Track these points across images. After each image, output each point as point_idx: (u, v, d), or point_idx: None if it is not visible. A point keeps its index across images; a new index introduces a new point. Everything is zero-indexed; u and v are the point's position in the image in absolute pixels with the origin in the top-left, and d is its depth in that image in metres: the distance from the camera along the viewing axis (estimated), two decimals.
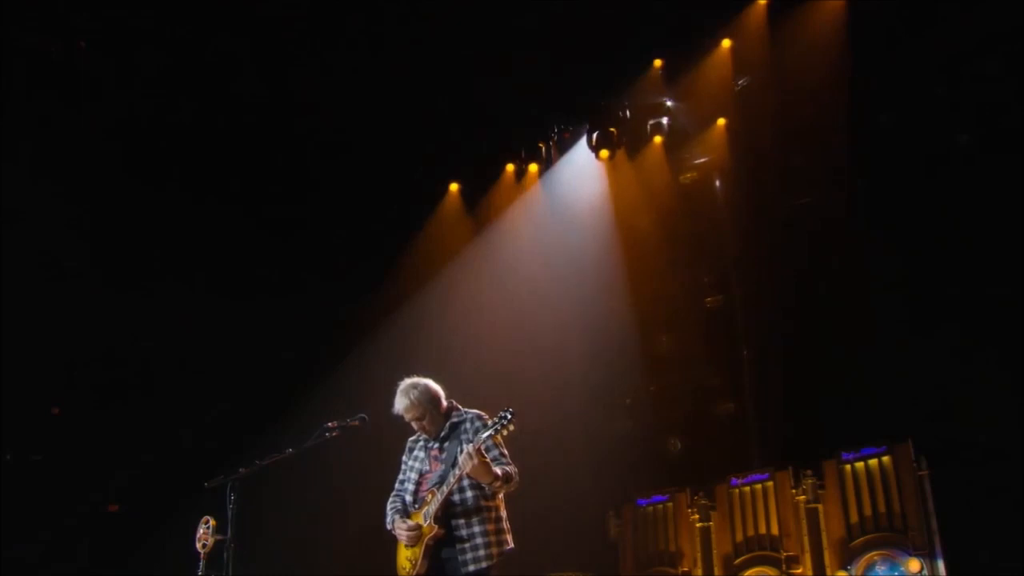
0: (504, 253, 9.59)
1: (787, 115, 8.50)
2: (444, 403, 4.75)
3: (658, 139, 9.37)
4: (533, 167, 9.81)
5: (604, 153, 9.42)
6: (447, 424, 4.71)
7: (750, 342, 8.93)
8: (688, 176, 9.61)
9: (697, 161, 9.56)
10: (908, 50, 7.99)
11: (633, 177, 9.44)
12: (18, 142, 7.83)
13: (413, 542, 4.56)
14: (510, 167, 9.90)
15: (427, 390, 4.72)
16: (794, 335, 8.27)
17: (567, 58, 8.27)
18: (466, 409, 4.77)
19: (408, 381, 4.76)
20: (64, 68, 8.00)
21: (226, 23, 8.20)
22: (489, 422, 4.41)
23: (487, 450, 4.44)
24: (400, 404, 4.70)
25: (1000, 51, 7.61)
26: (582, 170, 9.63)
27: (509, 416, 4.30)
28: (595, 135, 9.39)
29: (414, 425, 4.74)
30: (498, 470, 4.42)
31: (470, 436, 4.54)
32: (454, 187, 9.99)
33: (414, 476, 4.79)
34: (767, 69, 8.72)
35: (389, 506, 4.85)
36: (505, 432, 4.32)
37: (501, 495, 4.63)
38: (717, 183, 9.49)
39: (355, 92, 8.69)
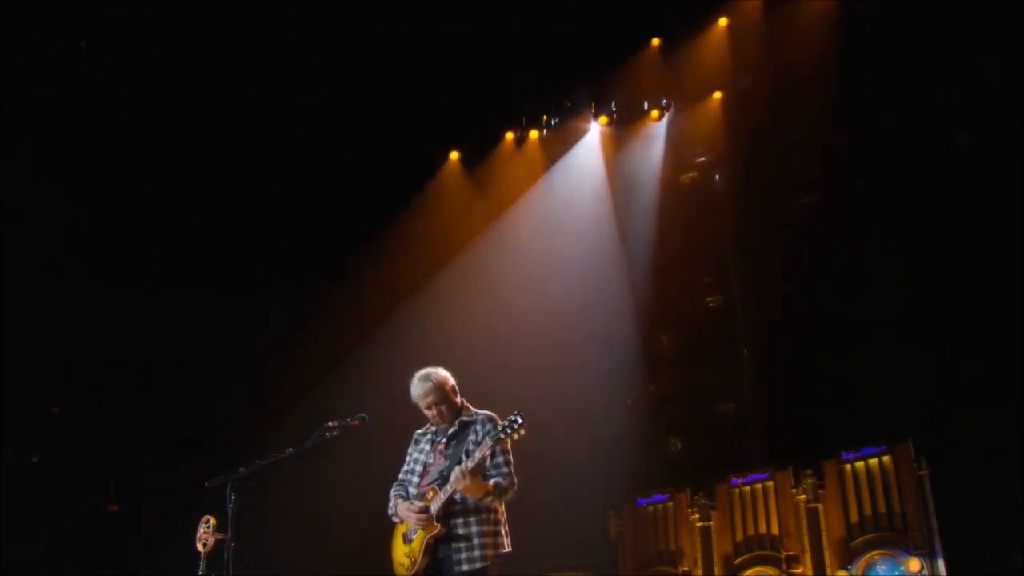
0: (504, 253, 9.58)
1: (787, 115, 8.51)
2: (457, 397, 4.73)
3: (655, 113, 9.46)
4: (534, 134, 9.85)
5: (604, 119, 9.56)
6: (457, 421, 4.69)
7: (750, 342, 8.94)
8: (688, 176, 9.62)
9: (698, 160, 9.58)
10: (908, 50, 8.00)
11: (632, 159, 9.48)
12: (18, 142, 7.83)
13: (423, 523, 4.52)
14: (510, 135, 9.91)
15: (444, 378, 4.71)
16: (794, 335, 8.28)
17: (568, 36, 8.32)
18: (477, 410, 4.75)
19: (425, 370, 4.75)
20: (64, 68, 8.01)
21: (226, 23, 8.21)
22: (499, 425, 4.39)
23: (492, 456, 4.43)
24: (420, 389, 4.67)
25: (1000, 51, 7.63)
26: (583, 166, 9.65)
27: (519, 422, 4.27)
28: (594, 105, 9.60)
29: (431, 412, 4.69)
30: (492, 483, 4.41)
31: (479, 438, 4.52)
32: (454, 155, 9.99)
33: (419, 468, 4.78)
34: (766, 68, 8.74)
35: (392, 492, 4.81)
36: (514, 437, 4.30)
37: None
38: (717, 182, 9.49)
39: (355, 72, 8.69)
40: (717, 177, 9.53)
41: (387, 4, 8.33)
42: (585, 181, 9.65)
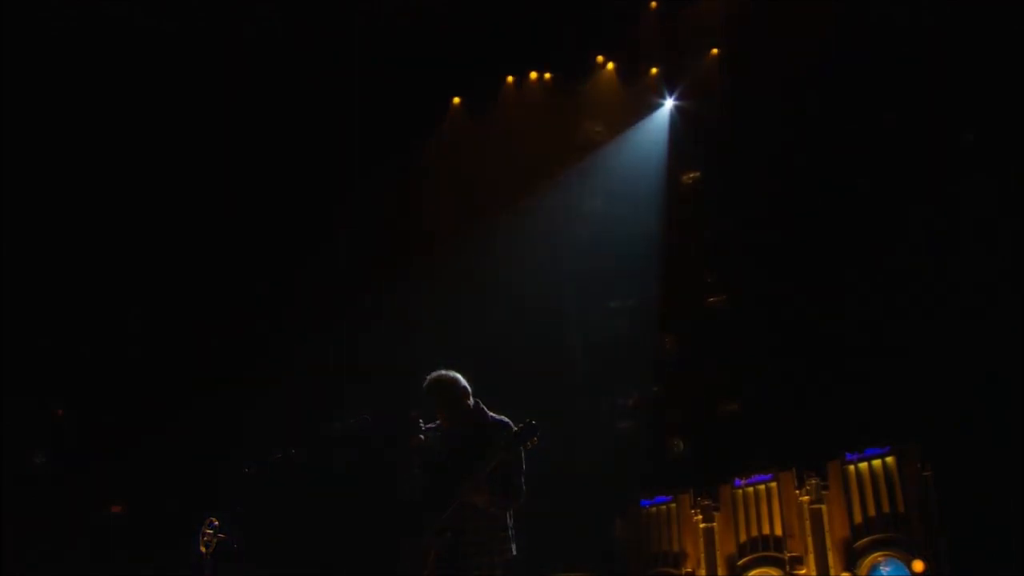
0: (509, 254, 9.55)
1: (787, 114, 8.52)
2: (470, 401, 4.70)
3: (654, 70, 9.52)
4: (533, 75, 9.90)
5: (600, 58, 9.64)
6: (472, 426, 4.65)
7: (753, 342, 8.92)
8: (690, 176, 9.62)
9: (699, 157, 9.58)
10: (908, 50, 8.02)
11: (635, 159, 9.51)
12: (18, 142, 7.81)
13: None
14: (510, 79, 9.94)
15: (454, 382, 4.67)
16: (797, 336, 8.27)
17: None
18: (493, 415, 4.71)
19: (436, 373, 4.71)
20: (66, 67, 7.99)
21: (226, 21, 8.21)
22: (512, 433, 4.36)
23: (504, 463, 4.41)
24: (431, 393, 4.66)
25: (1000, 50, 7.64)
26: (586, 167, 9.67)
27: (533, 431, 4.22)
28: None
29: (438, 417, 4.69)
30: (497, 494, 4.38)
31: (492, 445, 4.49)
32: (456, 100, 10.01)
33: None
34: (765, 66, 8.75)
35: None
36: (528, 446, 4.26)
37: None
38: (719, 183, 9.49)
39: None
40: (718, 178, 9.52)
41: None
42: (589, 182, 9.64)
